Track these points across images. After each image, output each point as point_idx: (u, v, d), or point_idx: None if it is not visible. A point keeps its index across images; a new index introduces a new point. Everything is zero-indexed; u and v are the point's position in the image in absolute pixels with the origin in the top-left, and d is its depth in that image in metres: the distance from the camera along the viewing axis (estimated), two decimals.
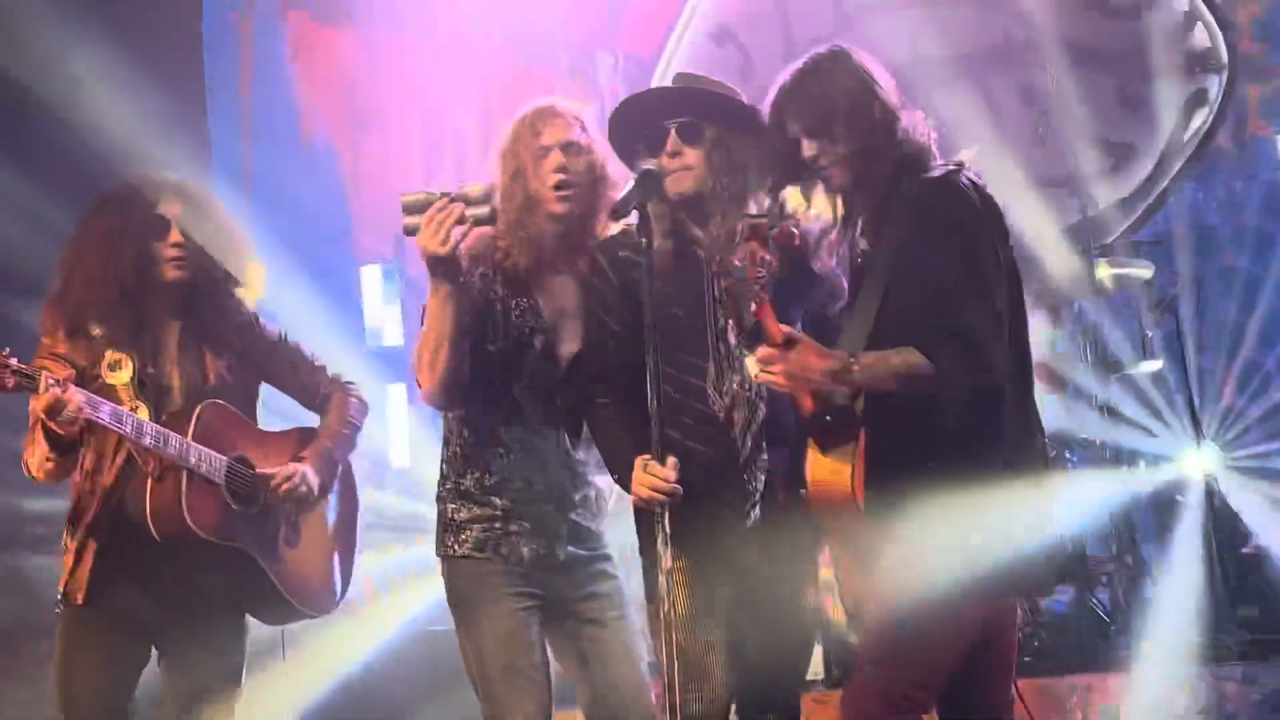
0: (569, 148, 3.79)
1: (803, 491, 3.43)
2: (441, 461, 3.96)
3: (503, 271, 3.81)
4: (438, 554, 3.91)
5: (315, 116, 8.56)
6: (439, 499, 3.93)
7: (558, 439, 3.86)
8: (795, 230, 3.39)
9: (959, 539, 3.21)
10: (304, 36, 8.81)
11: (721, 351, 3.60)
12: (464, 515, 3.85)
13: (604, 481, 3.95)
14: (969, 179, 3.35)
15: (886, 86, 3.44)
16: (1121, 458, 6.39)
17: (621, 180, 3.73)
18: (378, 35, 8.72)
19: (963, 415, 3.23)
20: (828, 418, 3.35)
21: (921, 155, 3.40)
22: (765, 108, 3.51)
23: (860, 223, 3.47)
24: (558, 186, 3.77)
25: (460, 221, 3.54)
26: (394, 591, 7.55)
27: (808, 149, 3.42)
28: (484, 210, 3.57)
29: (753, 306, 3.25)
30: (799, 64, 3.48)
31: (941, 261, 3.22)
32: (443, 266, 3.59)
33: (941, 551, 3.22)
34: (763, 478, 3.61)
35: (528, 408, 3.83)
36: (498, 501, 3.82)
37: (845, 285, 3.59)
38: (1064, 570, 3.45)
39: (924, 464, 3.25)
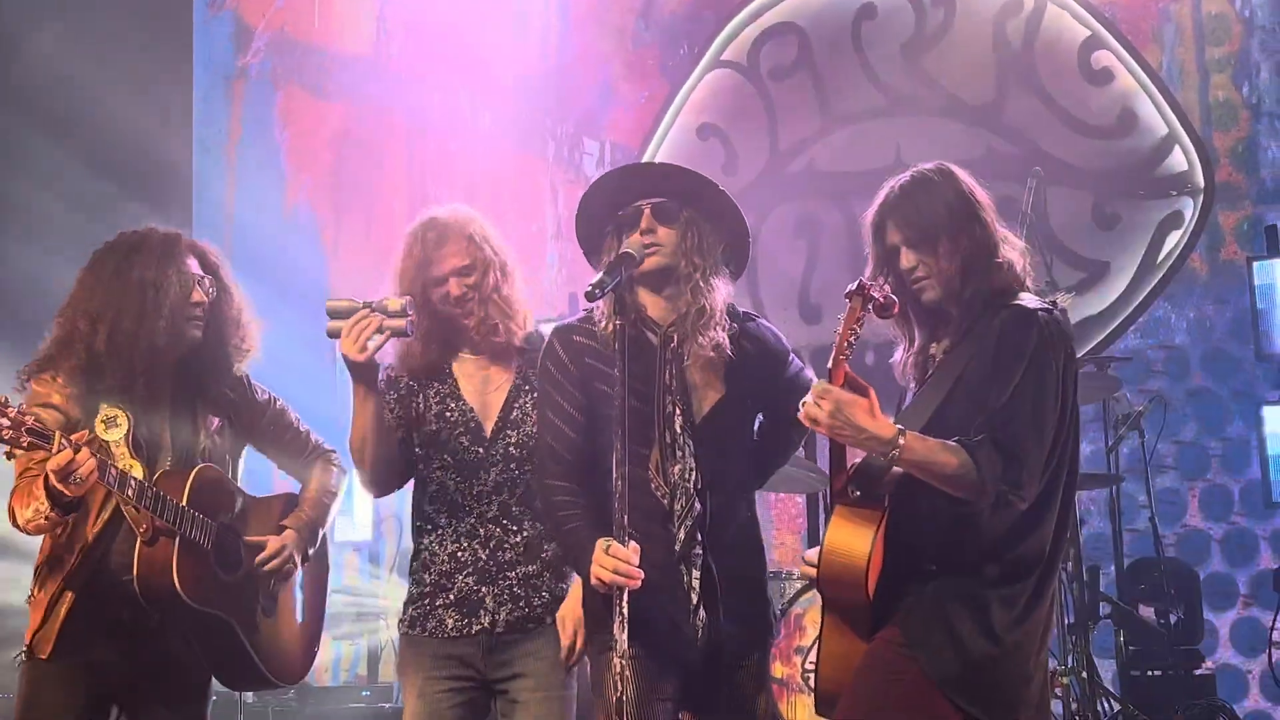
0: (460, 272, 3.95)
1: (816, 555, 3.39)
2: None
3: (416, 371, 3.99)
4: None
5: (300, 185, 8.62)
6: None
7: (482, 513, 3.93)
8: (896, 299, 3.40)
9: (952, 641, 3.24)
10: (295, 107, 8.89)
11: (667, 439, 3.60)
12: (407, 595, 4.00)
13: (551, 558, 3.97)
14: (1057, 319, 3.40)
15: (988, 208, 3.49)
16: (1082, 570, 6.39)
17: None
18: (367, 112, 8.81)
19: (988, 532, 3.27)
20: (857, 493, 3.36)
21: (1014, 281, 3.46)
22: (868, 216, 3.55)
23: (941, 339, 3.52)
24: (457, 305, 3.94)
25: (379, 331, 3.73)
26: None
27: (906, 259, 3.45)
28: (400, 323, 3.77)
29: (830, 361, 3.28)
30: (906, 176, 3.53)
31: (1008, 384, 3.27)
32: (360, 371, 3.79)
33: (934, 658, 3.24)
34: (698, 574, 3.58)
35: (451, 487, 3.95)
36: (426, 578, 3.95)
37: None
38: (1048, 712, 3.47)
39: (934, 567, 3.31)
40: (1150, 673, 6.71)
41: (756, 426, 3.87)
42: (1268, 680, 7.42)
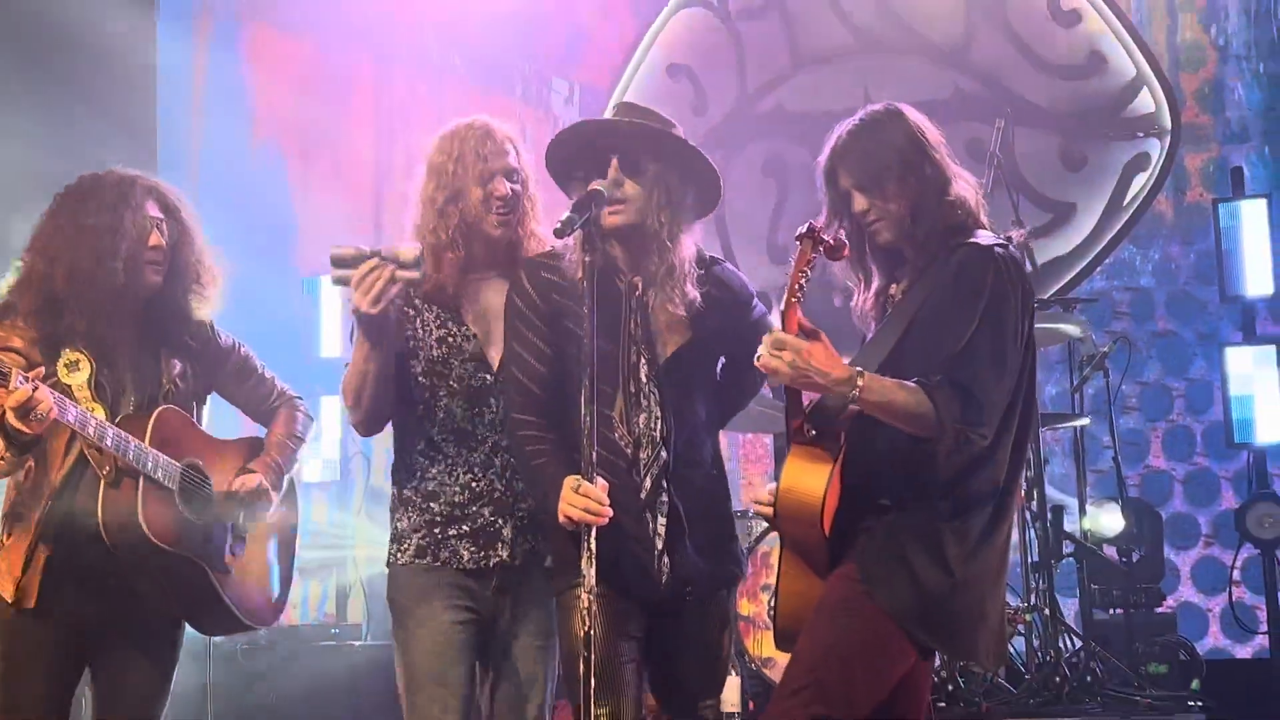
0: (509, 174, 3.84)
1: (770, 494, 3.41)
2: (391, 476, 3.99)
3: (423, 295, 3.84)
4: (386, 564, 3.93)
5: (266, 123, 8.55)
6: (390, 510, 3.95)
7: (495, 442, 3.85)
8: (847, 242, 3.40)
9: (908, 578, 3.27)
10: (261, 44, 8.80)
11: (632, 388, 3.61)
12: (405, 524, 3.86)
13: None
14: (1013, 254, 3.41)
15: (938, 146, 3.49)
16: (1046, 510, 6.45)
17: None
18: (335, 50, 8.73)
19: (944, 468, 3.29)
20: (813, 433, 3.38)
21: (969, 217, 3.46)
22: (820, 161, 3.55)
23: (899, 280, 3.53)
24: (497, 211, 3.81)
25: (392, 282, 3.59)
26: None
27: (858, 203, 3.46)
28: (414, 274, 3.62)
29: (782, 303, 3.29)
30: (855, 119, 3.52)
31: (967, 323, 3.29)
32: (372, 324, 3.65)
33: (886, 586, 3.27)
34: (664, 521, 3.60)
35: (459, 414, 3.84)
36: (435, 507, 3.82)
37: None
38: (1005, 649, 3.50)
39: (887, 503, 3.33)
40: (1112, 611, 6.78)
41: (719, 368, 3.88)
42: (1228, 618, 7.54)
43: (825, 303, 3.40)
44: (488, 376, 3.85)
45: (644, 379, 3.63)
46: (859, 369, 3.26)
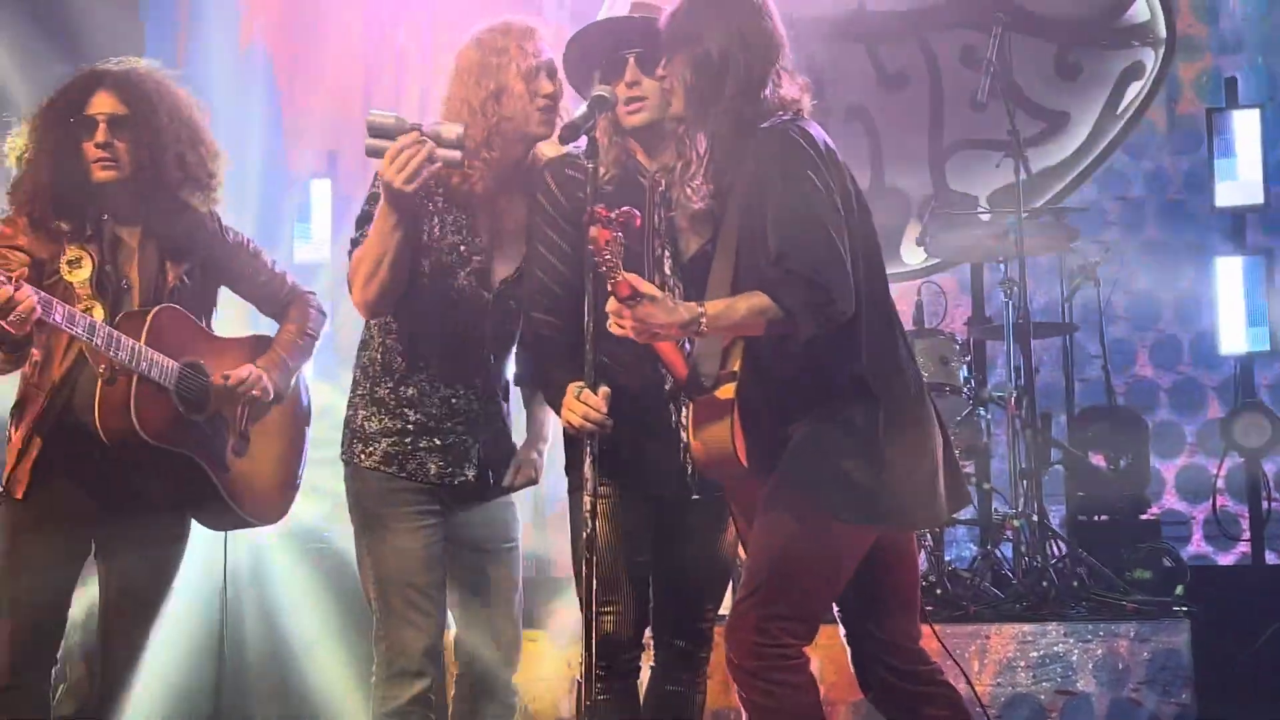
0: (551, 72, 3.78)
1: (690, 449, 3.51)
2: (356, 367, 3.93)
3: (447, 189, 3.77)
4: (343, 459, 3.88)
5: (255, 22, 8.44)
6: (350, 404, 3.90)
7: (480, 360, 3.86)
8: (637, 212, 3.33)
9: (834, 473, 3.29)
10: None
11: (656, 281, 3.60)
12: (374, 426, 3.82)
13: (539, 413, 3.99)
14: (800, 128, 3.39)
15: (768, 29, 3.50)
16: (1035, 418, 6.50)
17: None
18: None
19: (820, 355, 3.29)
20: (702, 379, 3.42)
21: (781, 108, 3.45)
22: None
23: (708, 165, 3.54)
24: (542, 109, 3.75)
25: (430, 161, 3.50)
26: None
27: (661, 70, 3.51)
28: (455, 154, 3.54)
29: (609, 286, 3.26)
30: None
31: (778, 207, 3.28)
32: (402, 200, 3.55)
33: (815, 486, 3.30)
34: (687, 413, 3.61)
35: (452, 326, 3.81)
36: (410, 415, 3.80)
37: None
38: (955, 502, 3.50)
39: (791, 411, 3.36)
40: (1098, 517, 6.86)
41: None
42: (1211, 526, 7.62)
43: None
44: (486, 294, 3.82)
45: (668, 272, 3.65)
46: (699, 304, 3.28)
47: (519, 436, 4.02)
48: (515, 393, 4.05)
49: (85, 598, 4.13)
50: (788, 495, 3.32)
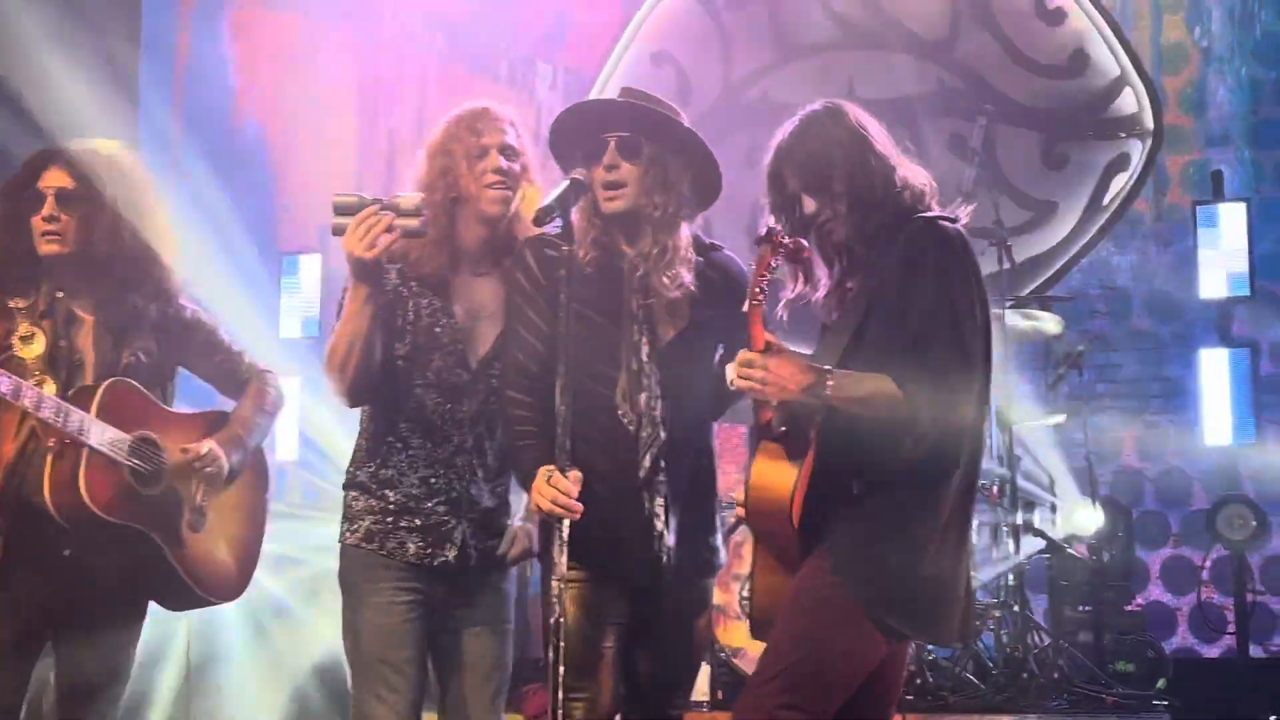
0: (505, 150, 3.80)
1: (741, 494, 3.45)
2: (353, 450, 3.94)
3: (417, 273, 3.80)
4: (338, 539, 3.88)
5: (249, 99, 8.51)
6: (344, 486, 3.90)
7: (460, 442, 3.85)
8: (806, 243, 3.40)
9: (878, 572, 3.27)
10: (246, 17, 8.77)
11: (634, 367, 3.60)
12: (359, 505, 3.82)
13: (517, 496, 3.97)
14: (958, 230, 3.40)
15: (880, 138, 3.49)
16: (1018, 506, 6.48)
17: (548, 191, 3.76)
18: (321, 26, 8.70)
19: (913, 453, 3.27)
20: (783, 429, 3.39)
21: (917, 203, 3.46)
22: (765, 165, 3.54)
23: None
24: (493, 186, 3.77)
25: (388, 230, 3.55)
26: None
27: (808, 205, 3.46)
28: (414, 223, 3.59)
29: (745, 307, 3.28)
30: (795, 121, 3.52)
31: (924, 303, 3.28)
32: (365, 270, 3.60)
33: (860, 582, 3.27)
34: (661, 501, 3.61)
35: (430, 407, 3.80)
36: (390, 496, 3.79)
37: None
38: (972, 626, 3.51)
39: (858, 492, 3.32)
40: (1081, 608, 6.83)
41: (717, 358, 3.88)
42: (1196, 618, 7.58)
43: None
44: (464, 374, 3.81)
45: (645, 358, 3.63)
46: (827, 368, 3.27)
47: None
48: None
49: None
50: (825, 579, 3.28)
